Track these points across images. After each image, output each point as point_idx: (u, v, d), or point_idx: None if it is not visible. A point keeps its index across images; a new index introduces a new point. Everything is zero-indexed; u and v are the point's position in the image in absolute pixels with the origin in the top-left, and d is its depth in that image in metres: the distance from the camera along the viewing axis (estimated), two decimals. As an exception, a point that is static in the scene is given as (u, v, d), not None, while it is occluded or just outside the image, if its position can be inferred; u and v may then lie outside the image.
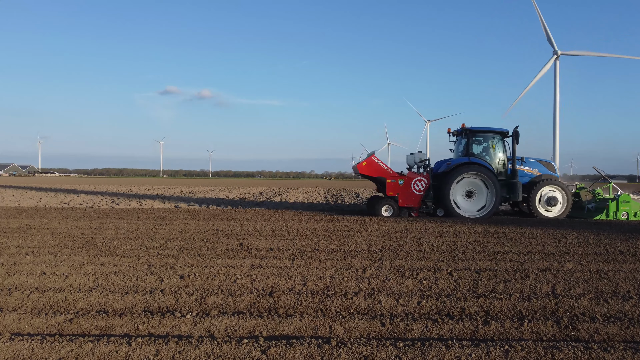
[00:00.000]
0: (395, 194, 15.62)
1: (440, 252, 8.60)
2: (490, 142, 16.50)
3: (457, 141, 17.31)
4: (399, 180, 15.61)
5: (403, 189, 15.60)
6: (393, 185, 15.62)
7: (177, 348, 3.90)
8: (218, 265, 7.18)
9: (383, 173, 15.77)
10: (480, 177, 15.66)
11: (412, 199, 15.60)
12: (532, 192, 16.00)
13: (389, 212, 15.57)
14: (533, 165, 16.91)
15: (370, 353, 3.86)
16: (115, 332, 4.47)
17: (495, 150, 16.46)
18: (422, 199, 15.66)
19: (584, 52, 40.86)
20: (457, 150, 17.08)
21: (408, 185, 15.59)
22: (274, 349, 3.90)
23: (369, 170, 15.83)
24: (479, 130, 16.38)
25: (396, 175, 15.81)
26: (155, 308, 5.21)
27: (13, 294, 5.46)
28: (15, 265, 7.05)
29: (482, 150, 16.53)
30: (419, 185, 15.59)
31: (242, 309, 5.21)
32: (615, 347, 3.96)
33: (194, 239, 9.97)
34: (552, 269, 7.19)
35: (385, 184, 15.69)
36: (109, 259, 7.59)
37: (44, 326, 4.58)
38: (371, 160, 15.83)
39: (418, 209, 15.86)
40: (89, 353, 3.82)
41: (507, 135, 16.46)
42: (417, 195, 15.58)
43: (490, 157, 16.36)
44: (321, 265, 7.24)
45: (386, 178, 15.68)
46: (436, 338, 4.38)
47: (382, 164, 15.85)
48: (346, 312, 5.11)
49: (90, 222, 12.95)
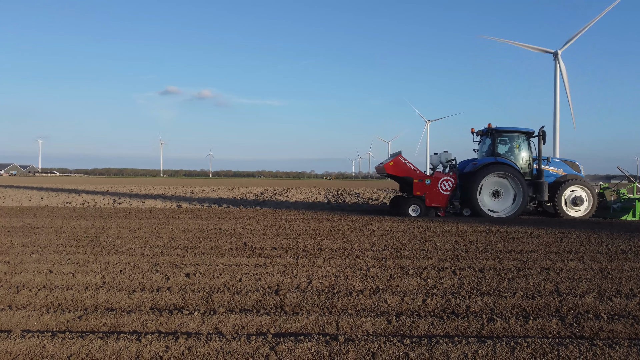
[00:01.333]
0: (422, 193, 15.65)
1: (443, 251, 8.64)
2: (515, 142, 16.55)
3: (481, 141, 17.37)
4: (426, 180, 15.64)
5: (430, 189, 15.62)
6: (420, 185, 15.64)
7: (186, 344, 3.94)
8: (223, 264, 7.22)
9: (410, 173, 15.77)
10: (507, 177, 15.71)
11: (439, 198, 15.62)
12: (557, 192, 16.03)
13: (416, 212, 15.61)
14: (558, 165, 16.97)
15: (377, 349, 3.90)
16: (124, 329, 4.51)
17: (520, 150, 16.52)
18: (449, 198, 15.69)
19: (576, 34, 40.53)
20: (482, 150, 17.14)
21: (435, 185, 15.62)
22: (283, 345, 3.94)
23: (396, 170, 15.83)
24: (505, 130, 16.43)
25: (423, 175, 15.85)
26: (163, 306, 5.25)
27: (21, 291, 5.50)
28: (21, 264, 7.09)
29: (508, 150, 16.57)
30: (445, 185, 15.62)
31: (249, 306, 5.25)
32: (620, 344, 4.00)
33: (198, 238, 10.01)
34: (555, 267, 7.23)
35: (412, 183, 15.70)
36: (114, 258, 7.63)
37: (53, 323, 4.62)
38: (398, 160, 15.82)
39: (445, 209, 15.88)
40: (99, 349, 3.86)
41: (533, 135, 16.54)
42: (444, 195, 15.62)
43: (515, 157, 16.40)
44: (325, 264, 7.28)
45: (413, 178, 15.70)
46: (442, 335, 4.42)
47: (409, 164, 15.84)
48: (352, 309, 5.14)
49: (93, 222, 12.99)
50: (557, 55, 43.00)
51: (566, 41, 40.64)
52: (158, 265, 7.06)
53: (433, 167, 16.76)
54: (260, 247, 8.91)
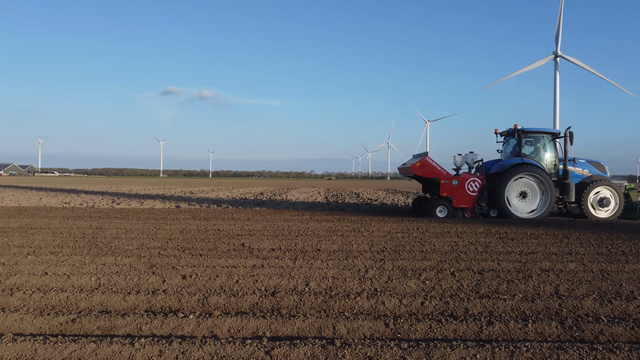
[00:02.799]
0: (449, 194, 15.59)
1: (442, 252, 8.58)
2: (541, 142, 16.52)
3: (505, 142, 17.33)
4: (453, 181, 15.58)
5: (457, 190, 15.57)
6: (447, 186, 15.58)
7: (180, 349, 3.88)
8: (220, 266, 7.16)
9: (437, 174, 15.71)
10: (534, 177, 15.67)
11: (466, 199, 15.58)
12: (584, 192, 15.98)
13: (443, 213, 15.57)
14: (584, 166, 16.93)
15: (374, 354, 3.84)
16: (118, 333, 4.45)
17: (545, 150, 16.50)
18: (476, 199, 15.65)
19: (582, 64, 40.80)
20: (506, 151, 17.10)
21: (462, 186, 15.57)
22: (278, 349, 3.88)
23: (423, 171, 15.74)
24: (531, 131, 16.38)
25: (450, 176, 15.78)
26: (158, 308, 5.19)
27: (15, 294, 5.44)
28: (16, 265, 7.03)
29: (533, 150, 16.53)
30: (473, 185, 15.58)
31: (245, 309, 5.19)
32: (620, 348, 3.95)
33: (195, 239, 9.95)
34: (555, 269, 7.17)
35: (439, 184, 15.64)
36: (111, 259, 7.57)
37: (46, 326, 4.57)
38: (425, 161, 15.73)
39: (472, 210, 15.83)
40: (92, 353, 3.80)
41: (558, 135, 16.51)
42: (471, 196, 15.57)
43: (541, 157, 16.37)
44: (323, 266, 7.22)
45: (440, 179, 15.63)
46: (440, 339, 4.36)
47: (435, 165, 15.76)
48: (349, 312, 5.09)
49: (91, 222, 12.93)
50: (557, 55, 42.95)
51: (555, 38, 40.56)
52: (154, 267, 7.00)
53: (457, 168, 16.63)
54: (258, 248, 8.85)
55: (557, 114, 42.44)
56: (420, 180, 17.54)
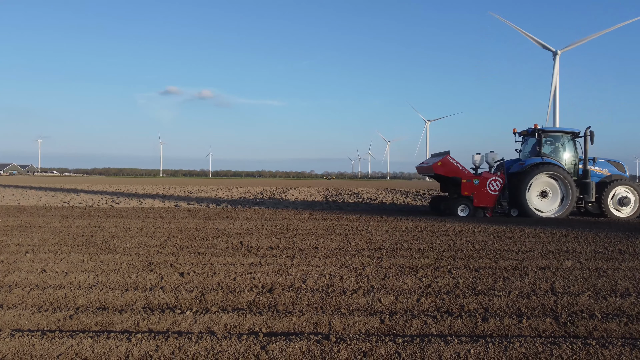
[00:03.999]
0: (470, 193, 15.62)
1: (439, 250, 8.61)
2: (560, 142, 16.58)
3: (523, 141, 17.39)
4: (474, 180, 15.61)
5: (478, 189, 15.59)
6: (468, 185, 15.60)
7: (177, 344, 3.91)
8: (218, 263, 7.19)
9: (458, 173, 15.72)
10: (555, 177, 15.73)
11: (487, 199, 15.61)
12: (604, 192, 16.04)
13: (465, 212, 15.59)
14: (603, 165, 16.99)
15: (369, 349, 3.87)
16: (115, 328, 4.48)
17: (565, 150, 16.56)
18: (497, 199, 15.68)
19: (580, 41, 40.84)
20: (525, 151, 17.17)
21: (483, 185, 15.59)
22: (274, 344, 3.91)
23: (445, 170, 15.76)
24: (551, 131, 16.48)
25: (471, 175, 15.79)
26: (155, 305, 5.22)
27: (13, 290, 5.47)
28: (15, 263, 7.06)
29: (552, 150, 16.59)
30: (494, 185, 15.61)
31: (242, 305, 5.22)
32: (613, 344, 3.98)
33: (194, 237, 9.98)
34: (551, 267, 7.21)
35: (460, 183, 15.66)
36: (109, 257, 7.60)
37: (44, 322, 4.59)
38: (447, 160, 15.73)
39: (493, 209, 15.86)
40: (89, 348, 3.83)
41: (578, 135, 16.55)
42: (492, 195, 15.60)
43: (560, 157, 16.43)
44: (321, 263, 7.25)
45: (461, 178, 15.64)
46: (435, 334, 4.39)
47: (457, 164, 15.77)
48: (345, 308, 5.12)
49: (90, 221, 12.96)
50: (556, 55, 43.02)
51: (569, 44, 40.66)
52: (152, 265, 7.03)
53: (475, 168, 16.61)
54: (256, 246, 8.88)
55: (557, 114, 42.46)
56: (439, 180, 17.52)
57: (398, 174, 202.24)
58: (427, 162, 17.43)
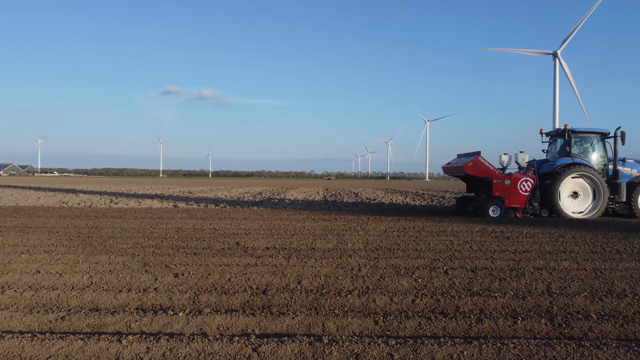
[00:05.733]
0: (501, 194, 15.60)
1: (436, 251, 8.58)
2: (590, 142, 16.54)
3: (551, 142, 17.36)
4: (506, 181, 15.57)
5: (509, 190, 15.58)
6: (500, 186, 15.59)
7: (168, 346, 3.88)
8: (213, 264, 7.16)
9: (489, 173, 15.68)
10: (586, 177, 15.71)
11: (518, 199, 15.59)
12: (634, 192, 16.02)
13: (496, 213, 15.56)
14: (632, 165, 16.97)
15: (361, 351, 3.84)
16: (107, 330, 4.45)
17: (594, 150, 16.53)
18: (528, 199, 15.65)
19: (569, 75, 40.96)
20: (553, 151, 17.14)
21: (514, 185, 15.58)
22: (265, 346, 3.88)
23: (476, 171, 15.70)
24: (581, 131, 16.42)
25: (503, 175, 15.76)
26: (149, 306, 5.19)
27: (6, 292, 5.44)
28: (9, 264, 7.03)
29: (582, 150, 16.55)
30: (525, 185, 15.60)
31: (236, 307, 5.19)
32: (608, 345, 3.94)
33: (191, 237, 9.95)
34: (548, 267, 7.18)
35: (491, 184, 15.63)
36: (104, 258, 7.57)
37: (35, 324, 4.56)
38: (478, 161, 15.66)
39: (523, 210, 15.82)
40: (79, 350, 3.80)
41: (608, 135, 16.53)
42: (523, 196, 15.59)
43: (589, 157, 16.40)
44: (317, 264, 7.22)
45: (493, 178, 15.62)
46: (429, 336, 4.36)
47: (488, 165, 15.73)
48: (340, 310, 5.08)
49: (88, 221, 12.93)
50: (556, 55, 43.02)
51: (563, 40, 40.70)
52: (147, 265, 7.00)
53: (503, 168, 16.51)
54: (253, 247, 8.85)
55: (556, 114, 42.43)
56: (467, 180, 17.44)
57: (398, 174, 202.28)
58: (455, 162, 17.28)
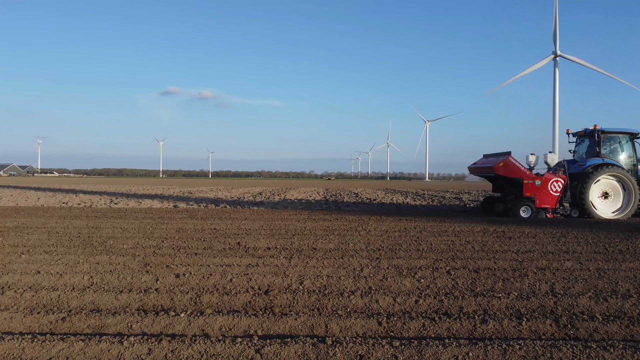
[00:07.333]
0: (532, 194, 15.55)
1: (438, 251, 8.54)
2: (618, 142, 16.48)
3: (578, 142, 17.29)
4: (536, 181, 15.52)
5: (540, 190, 15.53)
6: (530, 186, 15.53)
7: (169, 347, 3.84)
8: (214, 264, 7.11)
9: (520, 174, 15.61)
10: (617, 178, 15.65)
11: (548, 199, 15.55)
12: None
13: (527, 213, 15.51)
14: None
15: (366, 352, 3.80)
16: (108, 331, 4.41)
17: (623, 151, 16.48)
18: (558, 199, 15.60)
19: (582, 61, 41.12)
20: (580, 151, 17.08)
21: (545, 186, 15.53)
22: (268, 347, 3.83)
23: (506, 171, 15.64)
24: (611, 132, 16.35)
25: (533, 176, 15.68)
26: (150, 307, 5.15)
27: (6, 292, 5.39)
28: (9, 264, 6.99)
29: (610, 151, 16.48)
30: (556, 185, 15.56)
31: (238, 307, 5.15)
32: (614, 346, 3.90)
33: (191, 238, 9.91)
34: (551, 267, 7.13)
35: (522, 184, 15.58)
36: (105, 258, 7.53)
37: (36, 325, 4.52)
38: (508, 161, 15.59)
39: (554, 210, 15.77)
40: (80, 352, 3.76)
41: (637, 136, 16.47)
42: (554, 196, 15.55)
43: (618, 158, 16.34)
44: (318, 264, 7.18)
45: (523, 179, 15.55)
46: (433, 337, 4.32)
47: (519, 165, 15.65)
48: (342, 311, 5.04)
49: (88, 222, 12.89)
50: (557, 55, 42.97)
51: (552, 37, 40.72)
52: (148, 266, 6.96)
53: (530, 168, 16.36)
54: (254, 247, 8.81)
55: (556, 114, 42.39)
56: (494, 180, 17.36)
57: (398, 174, 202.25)
58: (483, 162, 17.19)
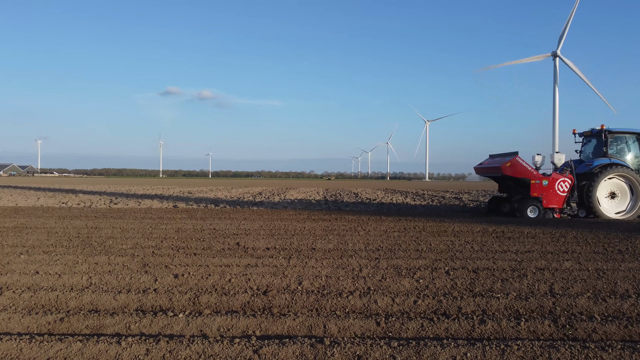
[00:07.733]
0: (539, 194, 15.57)
1: (438, 251, 8.54)
2: (625, 142, 16.49)
3: (585, 142, 17.29)
4: (544, 181, 15.53)
5: (547, 190, 15.55)
6: (538, 186, 15.55)
7: (167, 347, 3.83)
8: (213, 265, 7.11)
9: (527, 174, 15.62)
10: (624, 178, 15.65)
11: (556, 199, 15.57)
12: None
13: (534, 213, 15.52)
14: None
15: (364, 352, 3.80)
16: (106, 332, 4.40)
17: (630, 150, 16.48)
18: (565, 199, 15.61)
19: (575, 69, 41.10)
20: (586, 151, 17.07)
21: (552, 186, 15.56)
22: (266, 348, 3.83)
23: (513, 171, 15.64)
24: (618, 132, 16.36)
25: (540, 176, 15.70)
26: (148, 307, 5.15)
27: (4, 293, 5.39)
28: (8, 265, 6.99)
29: (617, 151, 16.48)
30: (563, 186, 15.58)
31: (236, 308, 5.14)
32: (613, 347, 3.90)
33: (191, 238, 9.91)
34: (550, 268, 7.13)
35: (529, 184, 15.59)
36: (104, 258, 7.52)
37: (34, 325, 4.52)
38: (516, 161, 15.60)
39: (561, 210, 15.78)
40: (78, 353, 3.76)
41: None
42: (561, 196, 15.57)
43: (625, 158, 16.33)
44: (317, 265, 7.18)
45: (530, 179, 15.57)
46: (431, 337, 4.31)
47: (526, 165, 15.66)
48: (341, 311, 5.04)
49: (87, 222, 12.88)
50: (556, 55, 42.98)
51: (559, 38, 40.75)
52: (147, 266, 6.95)
53: (536, 168, 16.36)
54: (253, 247, 8.81)
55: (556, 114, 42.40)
56: (501, 180, 17.35)
57: (398, 174, 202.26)
58: (489, 162, 17.20)
